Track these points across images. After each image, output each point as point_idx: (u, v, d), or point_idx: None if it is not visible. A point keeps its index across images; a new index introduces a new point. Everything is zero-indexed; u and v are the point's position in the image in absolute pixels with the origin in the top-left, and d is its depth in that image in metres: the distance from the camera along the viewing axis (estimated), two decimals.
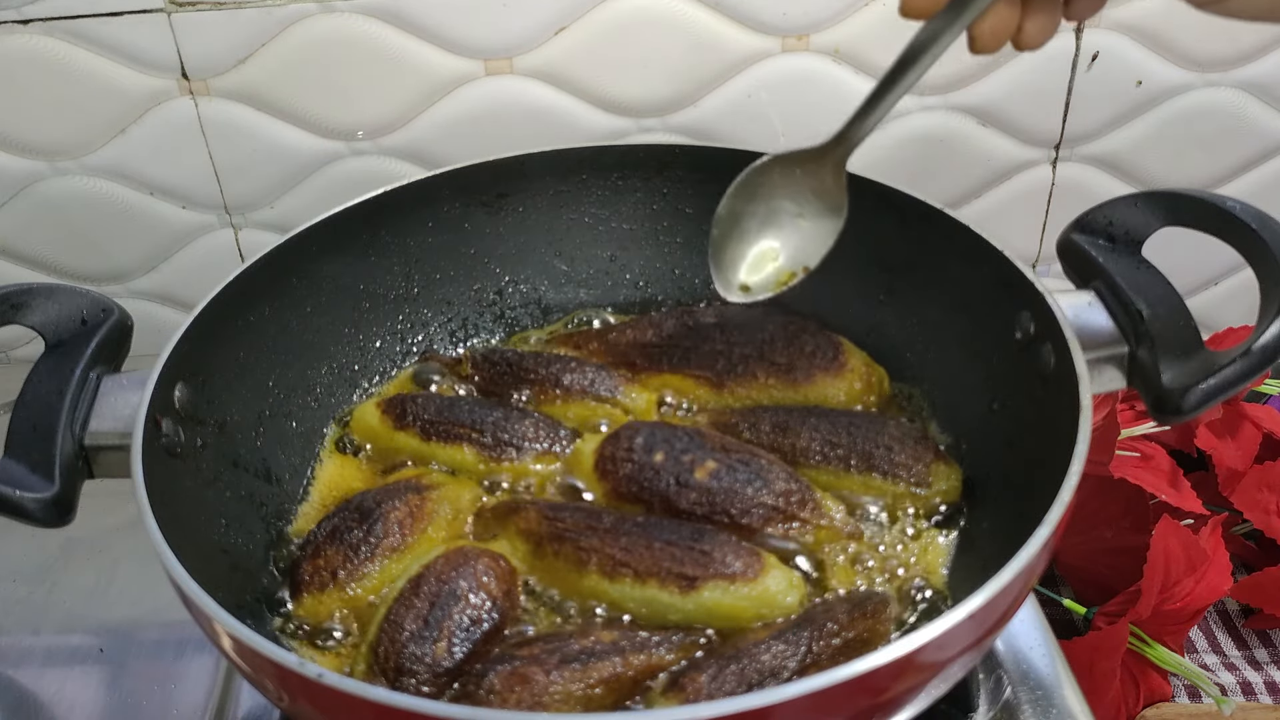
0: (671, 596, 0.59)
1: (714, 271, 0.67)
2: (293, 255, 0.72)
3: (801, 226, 0.67)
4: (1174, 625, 0.79)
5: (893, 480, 0.66)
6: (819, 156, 0.64)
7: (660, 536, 0.60)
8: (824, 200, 0.66)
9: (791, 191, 0.66)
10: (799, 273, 0.67)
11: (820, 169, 0.64)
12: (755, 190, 0.66)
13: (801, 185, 0.65)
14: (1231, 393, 0.58)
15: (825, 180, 0.65)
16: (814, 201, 0.66)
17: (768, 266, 0.67)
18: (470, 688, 0.55)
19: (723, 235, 0.67)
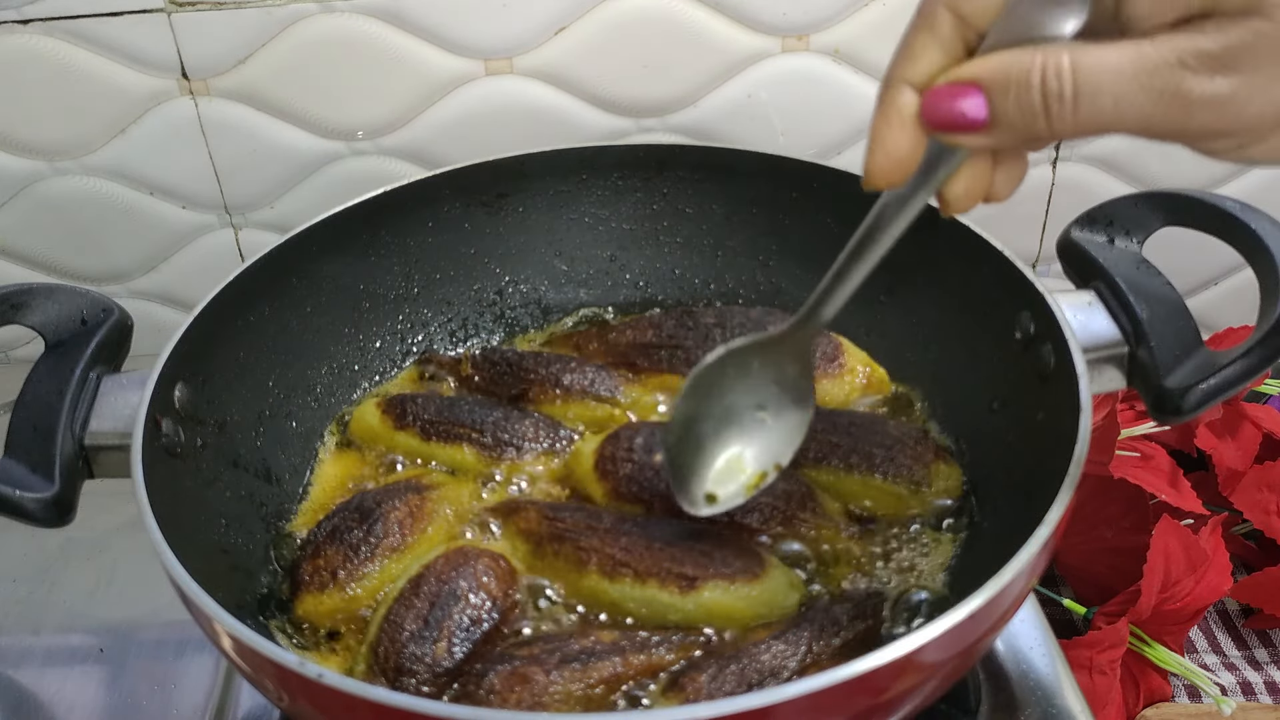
0: (671, 596, 0.59)
1: (673, 484, 0.59)
2: (293, 255, 0.72)
3: (765, 422, 0.59)
4: (1174, 625, 0.79)
5: (893, 480, 0.66)
6: (777, 345, 0.57)
7: (660, 536, 0.60)
8: (787, 392, 0.59)
9: (749, 386, 0.58)
10: (770, 472, 0.60)
11: (780, 358, 0.57)
12: (709, 390, 0.58)
13: (760, 378, 0.58)
14: (1231, 393, 0.58)
15: (786, 370, 0.58)
16: (777, 394, 0.59)
17: (734, 472, 0.60)
18: (470, 687, 0.55)
19: (678, 444, 0.59)
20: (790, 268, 0.81)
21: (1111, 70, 0.37)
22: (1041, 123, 0.38)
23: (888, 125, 0.42)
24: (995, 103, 0.39)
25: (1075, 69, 0.37)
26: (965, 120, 0.39)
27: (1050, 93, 0.37)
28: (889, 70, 0.42)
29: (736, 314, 0.76)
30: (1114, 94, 0.37)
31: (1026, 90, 0.38)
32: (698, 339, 0.75)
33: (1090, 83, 0.37)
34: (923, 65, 0.41)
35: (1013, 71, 0.38)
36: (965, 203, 0.45)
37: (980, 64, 0.39)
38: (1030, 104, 0.38)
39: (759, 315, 0.76)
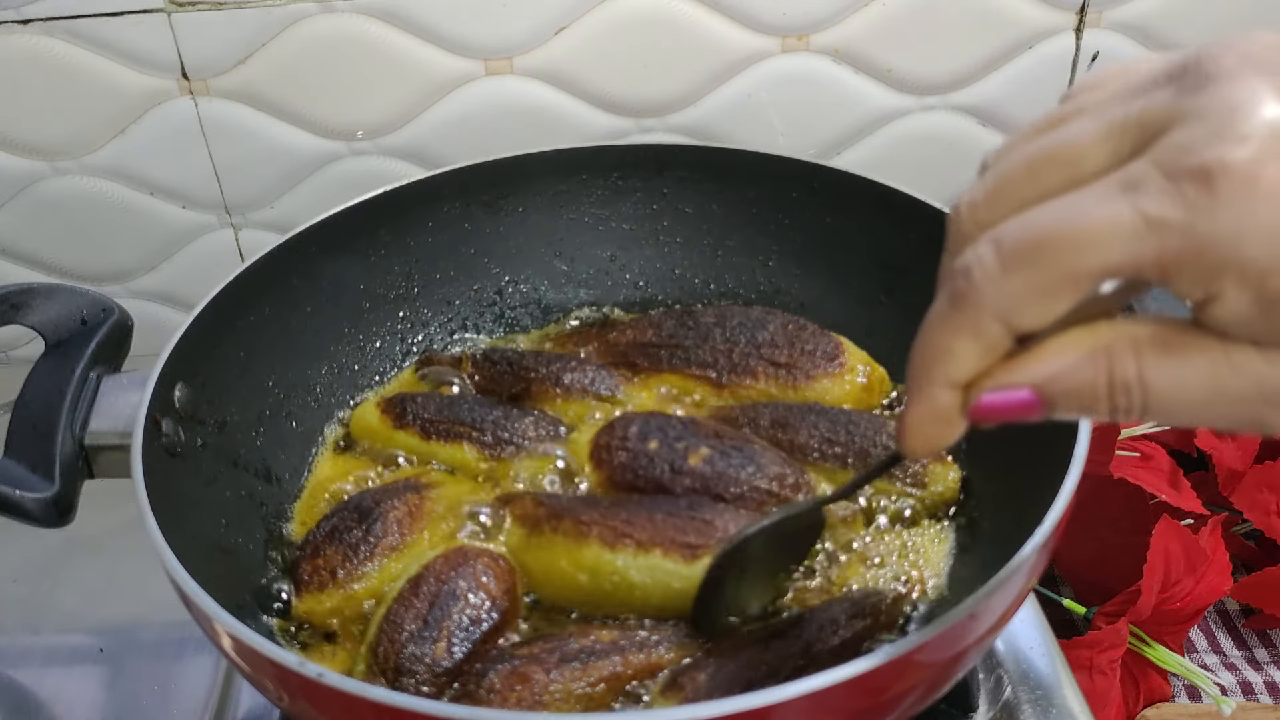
0: (675, 564, 0.58)
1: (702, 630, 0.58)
2: (293, 255, 0.72)
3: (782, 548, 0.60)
4: (1174, 625, 0.79)
5: (890, 480, 0.66)
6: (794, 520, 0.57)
7: (660, 509, 0.60)
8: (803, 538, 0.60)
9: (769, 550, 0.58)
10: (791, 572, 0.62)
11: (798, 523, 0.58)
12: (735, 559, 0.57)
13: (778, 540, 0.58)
14: None
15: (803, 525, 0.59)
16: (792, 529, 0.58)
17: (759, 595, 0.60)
18: (470, 687, 0.55)
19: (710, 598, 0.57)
20: (790, 268, 0.81)
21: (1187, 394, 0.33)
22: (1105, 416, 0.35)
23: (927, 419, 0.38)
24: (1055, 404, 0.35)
25: (1145, 386, 0.34)
26: (1018, 415, 0.36)
27: (1118, 406, 0.34)
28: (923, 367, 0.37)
29: (736, 314, 0.76)
30: (1188, 415, 0.34)
31: (1092, 399, 0.35)
32: (698, 339, 0.75)
33: (1162, 401, 0.33)
34: (965, 367, 0.36)
35: (1074, 383, 0.35)
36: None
37: (1035, 368, 0.35)
38: (1094, 410, 0.35)
39: (759, 315, 0.76)
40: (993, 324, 0.35)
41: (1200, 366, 0.33)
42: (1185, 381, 0.33)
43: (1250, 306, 0.32)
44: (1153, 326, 0.34)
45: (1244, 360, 0.33)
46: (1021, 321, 0.34)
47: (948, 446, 0.39)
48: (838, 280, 0.79)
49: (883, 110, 0.97)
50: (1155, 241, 0.32)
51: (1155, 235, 0.32)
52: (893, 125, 0.98)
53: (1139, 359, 0.34)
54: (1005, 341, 0.35)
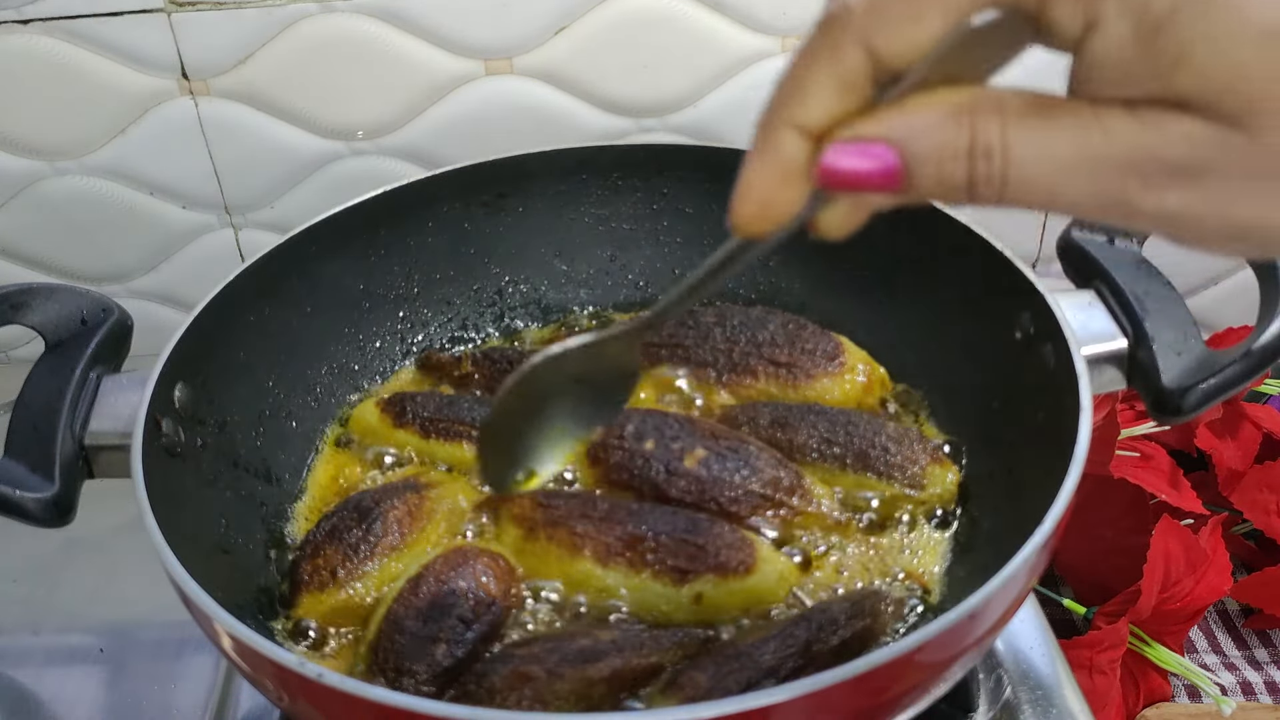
0: (665, 587, 0.59)
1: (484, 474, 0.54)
2: (293, 255, 0.72)
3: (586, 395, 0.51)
4: (1174, 625, 0.79)
5: (887, 481, 0.66)
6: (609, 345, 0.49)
7: (655, 528, 0.60)
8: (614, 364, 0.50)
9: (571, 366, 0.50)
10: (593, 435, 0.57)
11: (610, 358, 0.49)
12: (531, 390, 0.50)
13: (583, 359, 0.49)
14: (1231, 393, 0.58)
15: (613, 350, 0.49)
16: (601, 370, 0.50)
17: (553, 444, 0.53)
18: (470, 687, 0.55)
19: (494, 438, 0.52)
20: (790, 267, 0.81)
21: (1051, 162, 0.31)
22: (962, 196, 0.32)
23: (764, 173, 0.34)
24: (911, 169, 0.32)
25: (1008, 152, 0.31)
26: (872, 182, 0.32)
27: (978, 174, 0.31)
28: (771, 108, 0.34)
29: (736, 313, 0.76)
30: (1049, 187, 0.31)
31: (952, 162, 0.31)
32: (698, 338, 0.75)
33: (1024, 171, 0.31)
34: (818, 108, 0.32)
35: (936, 140, 0.31)
36: (839, 232, 0.37)
37: (896, 121, 0.32)
38: (953, 179, 0.32)
39: (759, 314, 0.76)
40: (854, 49, 0.31)
41: (1068, 130, 0.30)
42: (1050, 147, 0.31)
43: (1130, 36, 0.29)
44: (1022, 94, 0.31)
45: (1115, 122, 0.30)
46: (886, 45, 0.31)
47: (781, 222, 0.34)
48: (838, 280, 0.79)
49: None
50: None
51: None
52: None
53: (1004, 121, 0.31)
54: (865, 79, 0.32)
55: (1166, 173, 0.30)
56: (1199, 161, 0.30)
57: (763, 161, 0.34)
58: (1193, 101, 0.29)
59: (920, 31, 0.30)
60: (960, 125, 0.31)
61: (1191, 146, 0.29)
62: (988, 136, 0.31)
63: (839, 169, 0.32)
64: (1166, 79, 0.29)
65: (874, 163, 0.32)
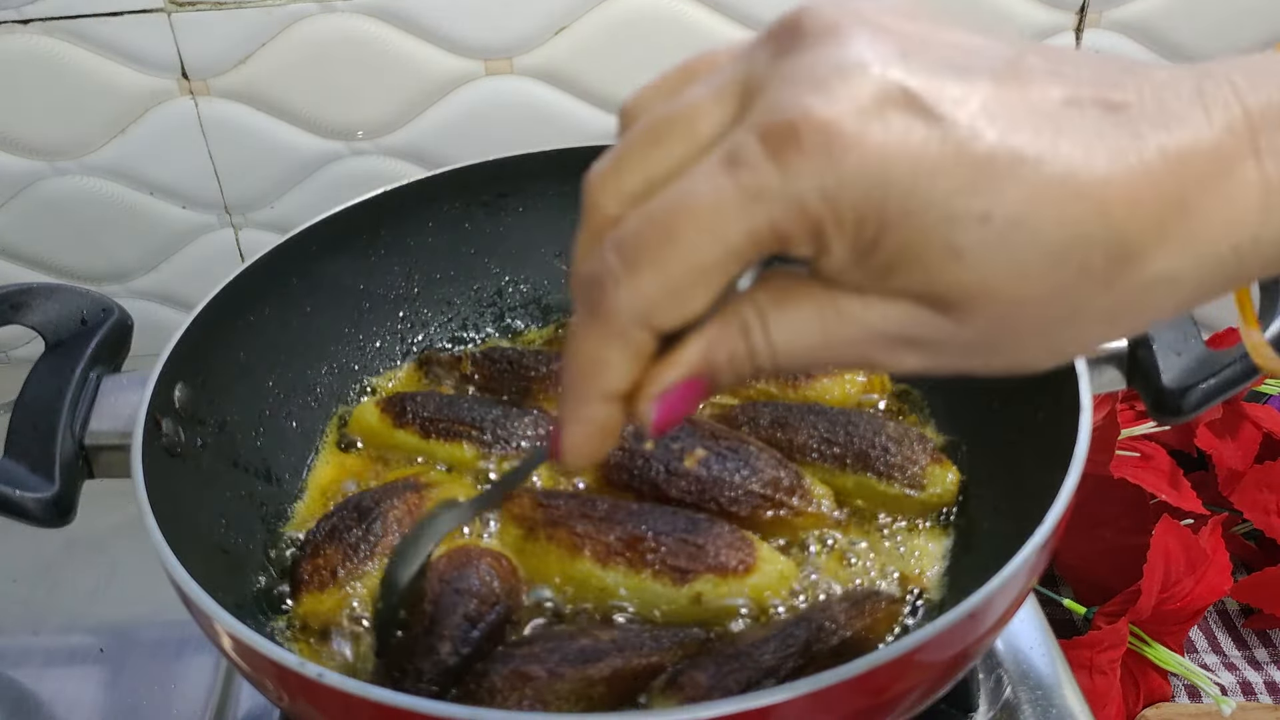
0: (665, 587, 0.59)
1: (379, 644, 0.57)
2: (293, 255, 0.72)
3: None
4: (1174, 625, 0.79)
5: (887, 481, 0.66)
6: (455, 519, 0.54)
7: (655, 527, 0.60)
8: None
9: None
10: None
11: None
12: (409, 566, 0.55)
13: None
14: (1232, 393, 0.58)
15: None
16: None
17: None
18: (472, 687, 0.55)
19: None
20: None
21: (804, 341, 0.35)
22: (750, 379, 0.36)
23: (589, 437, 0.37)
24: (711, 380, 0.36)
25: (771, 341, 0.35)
26: (694, 406, 0.37)
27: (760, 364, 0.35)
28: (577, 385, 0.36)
29: None
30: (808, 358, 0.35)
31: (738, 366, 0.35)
32: None
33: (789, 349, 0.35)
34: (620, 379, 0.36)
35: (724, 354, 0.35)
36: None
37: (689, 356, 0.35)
38: (743, 371, 0.36)
39: None
40: (637, 331, 0.34)
41: (810, 314, 0.34)
42: (799, 330, 0.34)
43: (848, 255, 0.32)
44: (772, 285, 0.35)
45: (848, 306, 0.34)
46: (664, 322, 0.34)
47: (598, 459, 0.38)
48: None
49: None
50: (763, 212, 0.32)
51: (760, 205, 0.32)
52: None
53: (763, 319, 0.35)
54: (653, 344, 0.35)
55: (899, 344, 0.34)
56: (922, 337, 0.33)
57: (584, 429, 0.37)
58: (907, 294, 0.33)
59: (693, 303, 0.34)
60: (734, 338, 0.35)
61: (912, 326, 0.33)
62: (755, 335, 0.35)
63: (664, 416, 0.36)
64: (883, 282, 0.33)
65: (686, 394, 0.36)
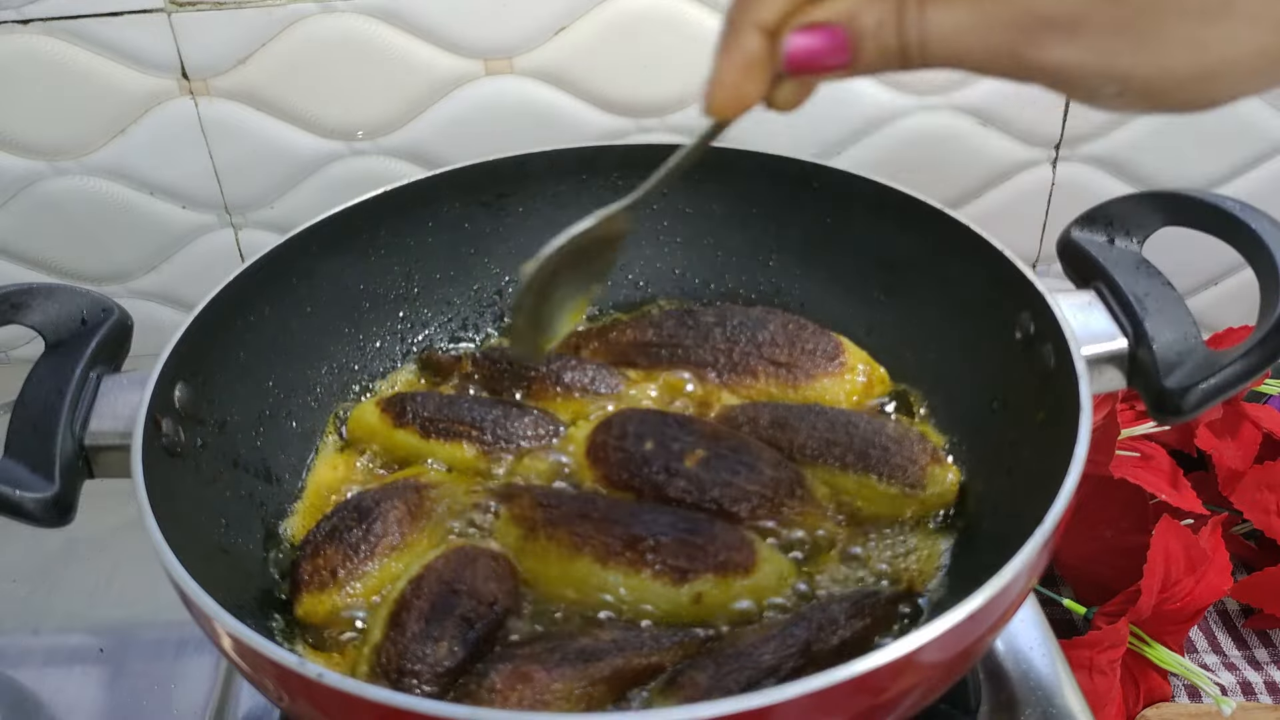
0: (664, 587, 0.59)
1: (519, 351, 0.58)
2: (293, 255, 0.72)
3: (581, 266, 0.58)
4: (1174, 625, 0.79)
5: (888, 481, 0.66)
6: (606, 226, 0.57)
7: (655, 528, 0.60)
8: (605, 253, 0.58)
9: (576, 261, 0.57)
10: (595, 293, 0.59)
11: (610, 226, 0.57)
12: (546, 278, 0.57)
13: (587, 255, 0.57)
14: (1232, 393, 0.58)
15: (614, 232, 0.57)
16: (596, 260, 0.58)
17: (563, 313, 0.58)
18: (471, 687, 0.55)
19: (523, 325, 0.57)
20: (790, 268, 0.81)
21: (958, 28, 0.38)
22: (897, 63, 0.39)
23: (733, 67, 0.42)
24: (856, 43, 0.39)
25: (924, 23, 0.38)
26: (827, 59, 0.40)
27: (907, 42, 0.39)
28: (735, 11, 0.41)
29: (736, 313, 0.76)
30: (961, 48, 0.38)
31: (886, 33, 0.39)
32: (698, 338, 0.75)
33: (939, 36, 0.38)
34: (774, 8, 0.40)
35: (870, 19, 0.39)
36: (791, 106, 0.45)
37: (840, 6, 0.39)
38: (888, 46, 0.39)
39: (759, 314, 0.76)
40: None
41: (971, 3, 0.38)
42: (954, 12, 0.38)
43: None
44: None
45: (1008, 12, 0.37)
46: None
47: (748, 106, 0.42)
48: (838, 280, 0.79)
49: (883, 110, 0.97)
50: None
51: None
52: (893, 125, 0.98)
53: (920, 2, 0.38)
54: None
55: (1046, 27, 0.36)
56: (1071, 16, 0.35)
57: (730, 57, 0.41)
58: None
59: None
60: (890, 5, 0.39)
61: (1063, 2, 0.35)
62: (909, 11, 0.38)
63: (800, 50, 0.40)
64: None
65: (827, 41, 0.40)
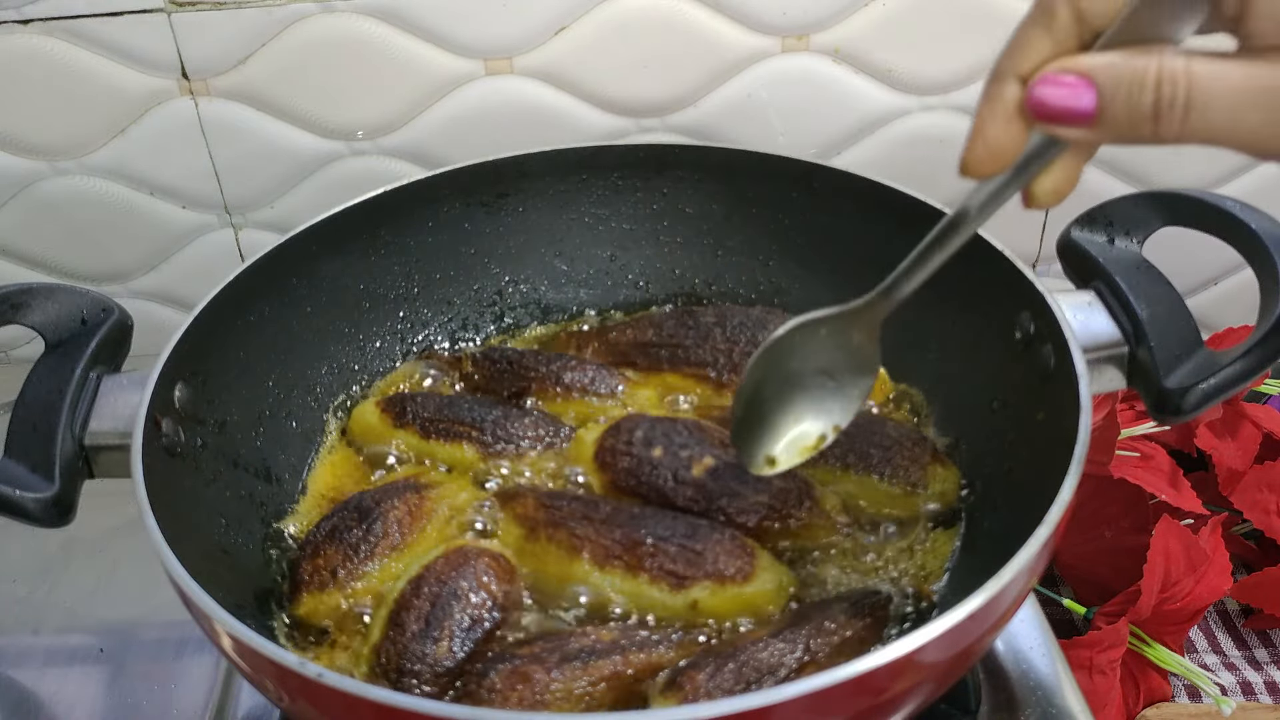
0: (661, 593, 0.59)
1: (739, 449, 0.60)
2: (293, 255, 0.72)
3: (828, 386, 0.59)
4: (1174, 625, 0.79)
5: (889, 481, 0.66)
6: (849, 318, 0.57)
7: (655, 532, 0.60)
8: (853, 359, 0.58)
9: (815, 353, 0.58)
10: (829, 434, 0.60)
11: (850, 329, 0.57)
12: (778, 358, 0.58)
13: (827, 345, 0.58)
14: (1232, 393, 0.58)
15: (854, 338, 0.57)
16: (843, 361, 0.58)
17: (795, 436, 0.60)
18: (471, 687, 0.55)
19: (745, 409, 0.59)
20: (790, 268, 0.81)
21: (1229, 86, 0.36)
22: (1148, 127, 0.38)
23: (991, 117, 0.41)
24: (1105, 99, 0.38)
25: (1191, 78, 0.36)
26: (1072, 113, 0.39)
27: (1164, 98, 0.37)
28: (997, 63, 0.41)
29: (736, 313, 0.76)
30: (1228, 110, 0.36)
31: (1140, 91, 0.37)
32: (698, 338, 0.75)
33: (1205, 95, 0.36)
34: (1033, 58, 0.40)
35: (1127, 71, 0.37)
36: (1052, 199, 0.44)
37: (1094, 58, 0.38)
38: (1141, 106, 0.37)
39: (759, 315, 0.76)
40: (1064, 7, 0.39)
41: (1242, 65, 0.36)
42: (1226, 74, 0.36)
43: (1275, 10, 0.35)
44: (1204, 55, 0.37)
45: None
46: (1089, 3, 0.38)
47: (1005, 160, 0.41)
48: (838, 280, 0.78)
49: (883, 110, 0.97)
50: None
51: None
52: (893, 125, 0.98)
53: (1187, 59, 0.36)
54: (1072, 35, 0.39)
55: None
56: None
57: (989, 106, 0.41)
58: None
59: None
60: (1148, 59, 0.37)
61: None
62: (1173, 65, 0.37)
63: (1042, 96, 0.39)
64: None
65: (1071, 90, 0.38)
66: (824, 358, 0.58)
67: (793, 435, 0.59)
